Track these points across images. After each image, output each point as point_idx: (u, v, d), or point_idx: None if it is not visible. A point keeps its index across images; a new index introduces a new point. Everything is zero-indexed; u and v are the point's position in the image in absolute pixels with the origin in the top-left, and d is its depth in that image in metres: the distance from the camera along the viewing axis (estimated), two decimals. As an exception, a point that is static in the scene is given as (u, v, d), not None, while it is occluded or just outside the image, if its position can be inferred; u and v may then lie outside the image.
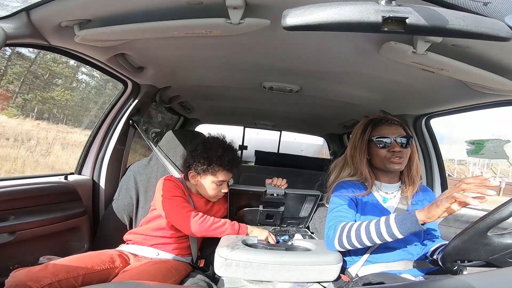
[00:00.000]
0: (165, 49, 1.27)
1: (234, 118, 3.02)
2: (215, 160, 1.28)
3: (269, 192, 1.32)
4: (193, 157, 1.32)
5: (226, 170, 1.30)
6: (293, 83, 1.59)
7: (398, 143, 1.13)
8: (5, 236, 1.16)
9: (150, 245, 1.31)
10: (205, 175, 1.31)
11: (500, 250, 0.76)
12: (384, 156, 1.14)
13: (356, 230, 0.99)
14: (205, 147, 1.32)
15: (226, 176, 1.32)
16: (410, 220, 0.91)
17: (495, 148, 1.78)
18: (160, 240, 1.32)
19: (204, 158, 1.29)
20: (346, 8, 0.52)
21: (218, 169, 1.29)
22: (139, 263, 1.23)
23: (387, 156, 1.14)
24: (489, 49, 0.95)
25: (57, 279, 0.99)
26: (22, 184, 1.31)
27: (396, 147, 1.13)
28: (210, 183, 1.31)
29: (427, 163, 1.76)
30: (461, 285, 0.59)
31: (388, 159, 1.13)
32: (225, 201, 1.41)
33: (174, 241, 1.32)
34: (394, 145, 1.13)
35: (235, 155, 1.34)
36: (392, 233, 0.93)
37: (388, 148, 1.13)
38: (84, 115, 10.32)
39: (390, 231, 0.94)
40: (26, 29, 0.89)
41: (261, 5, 0.85)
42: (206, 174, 1.30)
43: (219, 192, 1.33)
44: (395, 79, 1.34)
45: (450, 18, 0.54)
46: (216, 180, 1.31)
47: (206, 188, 1.33)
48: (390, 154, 1.13)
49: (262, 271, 0.99)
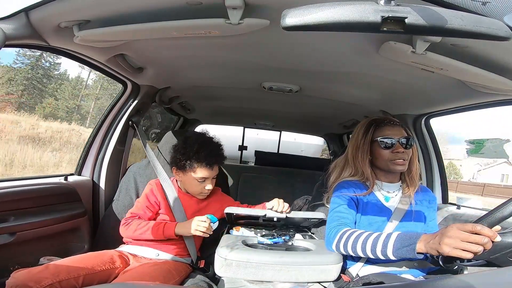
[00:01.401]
0: (165, 50, 1.27)
1: (234, 119, 3.02)
2: (191, 155, 1.26)
3: (268, 217, 1.25)
4: (174, 154, 1.32)
5: (204, 166, 1.26)
6: (293, 83, 1.59)
7: (401, 144, 1.13)
8: (5, 237, 1.16)
9: (150, 245, 1.31)
10: (185, 172, 1.30)
11: (501, 250, 0.76)
12: (387, 157, 1.14)
13: (354, 241, 0.99)
14: (183, 142, 1.30)
15: (206, 173, 1.28)
16: (408, 248, 0.88)
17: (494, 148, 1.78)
18: (159, 241, 1.32)
19: (181, 154, 1.28)
20: (345, 8, 0.52)
21: (196, 165, 1.26)
22: (139, 264, 1.23)
23: (390, 157, 1.13)
24: (488, 49, 0.95)
25: (58, 280, 0.99)
26: (22, 185, 1.31)
27: (399, 148, 1.13)
28: (192, 179, 1.30)
29: (427, 163, 1.76)
30: (462, 284, 0.59)
31: (391, 160, 1.13)
32: (222, 203, 1.39)
33: (174, 242, 1.32)
34: (398, 146, 1.13)
35: (214, 150, 1.29)
36: (386, 254, 0.92)
37: (392, 149, 1.13)
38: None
39: (384, 252, 0.92)
40: (25, 30, 0.89)
41: (260, 5, 0.85)
42: (186, 170, 1.29)
43: (202, 189, 1.31)
44: (395, 79, 1.34)
45: (449, 17, 0.54)
46: (196, 177, 1.28)
47: (189, 185, 1.32)
48: (393, 155, 1.13)
49: (262, 271, 0.99)
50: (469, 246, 0.74)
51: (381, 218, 1.13)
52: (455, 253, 0.76)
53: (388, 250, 0.91)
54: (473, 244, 0.74)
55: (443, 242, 0.78)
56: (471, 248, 0.74)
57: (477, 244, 0.74)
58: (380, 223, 1.12)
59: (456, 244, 0.76)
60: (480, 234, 0.75)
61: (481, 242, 0.74)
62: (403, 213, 1.14)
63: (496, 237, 0.74)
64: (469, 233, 0.76)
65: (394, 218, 1.13)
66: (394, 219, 1.13)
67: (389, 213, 1.14)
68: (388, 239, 0.93)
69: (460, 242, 0.76)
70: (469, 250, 0.75)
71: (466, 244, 0.75)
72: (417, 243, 0.86)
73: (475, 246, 0.74)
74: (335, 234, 1.04)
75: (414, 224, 1.14)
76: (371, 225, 1.12)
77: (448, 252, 0.77)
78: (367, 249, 0.96)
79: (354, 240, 0.99)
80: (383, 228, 1.11)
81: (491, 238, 0.74)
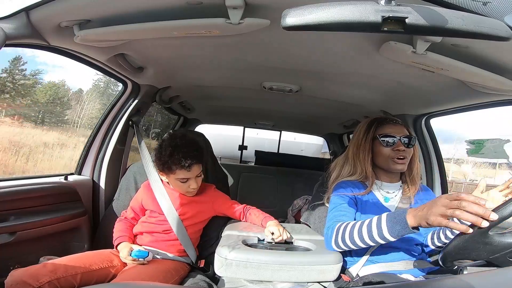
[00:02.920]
0: (165, 49, 1.27)
1: (234, 118, 3.03)
2: (167, 159, 1.26)
3: (267, 241, 1.19)
4: (154, 158, 1.33)
5: (181, 168, 1.25)
6: (293, 83, 1.59)
7: (402, 142, 1.13)
8: (5, 237, 1.16)
9: (148, 245, 1.31)
10: (167, 173, 1.30)
11: (501, 250, 0.76)
12: (388, 155, 1.14)
13: (350, 231, 0.98)
14: (159, 147, 1.31)
15: (186, 174, 1.27)
16: (400, 223, 0.87)
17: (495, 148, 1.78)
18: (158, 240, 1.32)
19: (158, 158, 1.29)
20: (346, 8, 0.52)
21: (174, 167, 1.26)
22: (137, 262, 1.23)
23: (391, 155, 1.14)
24: (488, 49, 0.95)
25: (56, 277, 1.00)
26: (22, 185, 1.31)
27: (400, 146, 1.13)
28: (174, 180, 1.30)
29: (427, 163, 1.76)
30: (462, 284, 0.59)
31: (392, 159, 1.13)
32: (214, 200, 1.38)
33: (173, 242, 1.32)
34: (399, 144, 1.13)
35: (188, 151, 1.25)
36: (384, 236, 0.91)
37: (393, 147, 1.13)
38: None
39: (381, 234, 0.91)
40: (26, 30, 0.89)
41: (260, 5, 0.85)
42: (166, 172, 1.30)
43: (187, 188, 1.30)
44: (395, 79, 1.34)
45: (450, 17, 0.54)
46: (178, 178, 1.28)
47: (174, 186, 1.34)
48: (394, 153, 1.13)
49: (262, 271, 0.99)
50: (456, 213, 0.74)
51: None
52: (441, 222, 0.76)
53: (384, 231, 0.90)
54: (460, 210, 0.73)
55: (430, 211, 0.79)
56: (457, 215, 0.73)
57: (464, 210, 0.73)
58: None
59: (443, 211, 0.76)
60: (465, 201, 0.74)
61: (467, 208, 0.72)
62: None
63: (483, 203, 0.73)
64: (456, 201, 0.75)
65: None
66: None
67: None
68: (380, 221, 0.92)
69: (446, 210, 0.76)
70: (456, 216, 0.74)
71: (453, 210, 0.74)
72: (406, 217, 0.86)
73: (462, 212, 0.73)
74: (332, 231, 1.04)
75: None
76: None
77: (433, 221, 0.77)
78: (364, 236, 0.94)
79: (350, 231, 0.98)
80: None
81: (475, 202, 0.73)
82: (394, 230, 0.88)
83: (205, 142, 1.66)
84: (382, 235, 0.91)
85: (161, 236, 1.32)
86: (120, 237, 1.28)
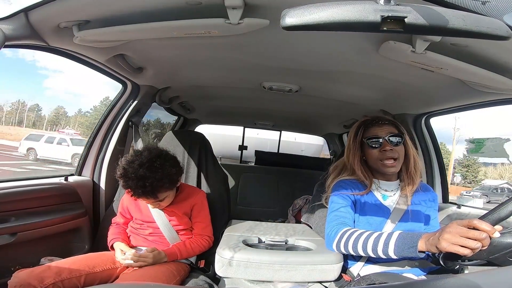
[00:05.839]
0: (165, 50, 1.27)
1: (234, 118, 3.02)
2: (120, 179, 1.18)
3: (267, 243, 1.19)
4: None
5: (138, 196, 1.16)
6: (293, 83, 1.59)
7: (388, 142, 1.13)
8: (6, 237, 1.16)
9: (150, 246, 1.30)
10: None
11: (501, 250, 0.76)
12: (376, 156, 1.14)
13: (355, 240, 0.98)
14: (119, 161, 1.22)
15: (147, 200, 1.20)
16: (410, 247, 0.87)
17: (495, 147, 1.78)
18: (159, 241, 1.32)
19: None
20: (345, 7, 0.52)
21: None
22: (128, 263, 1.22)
23: (379, 157, 1.13)
24: (488, 48, 0.95)
25: (60, 279, 1.01)
26: (23, 186, 1.31)
27: (387, 146, 1.12)
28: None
29: (427, 162, 1.76)
30: (463, 284, 0.59)
31: (381, 160, 1.13)
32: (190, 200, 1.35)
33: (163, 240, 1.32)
34: (385, 144, 1.13)
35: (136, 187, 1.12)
36: (387, 253, 0.92)
37: (380, 148, 1.13)
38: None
39: (385, 251, 0.92)
40: (25, 30, 0.89)
41: (260, 5, 0.85)
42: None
43: (158, 207, 1.27)
44: (395, 79, 1.34)
45: (449, 17, 0.53)
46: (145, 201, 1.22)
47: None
48: (381, 154, 1.13)
49: (263, 271, 0.99)
50: (466, 242, 0.74)
51: (380, 218, 1.13)
52: (453, 249, 0.75)
53: (390, 249, 0.91)
54: (471, 240, 0.74)
55: (442, 237, 0.78)
56: (468, 244, 0.73)
57: (475, 239, 0.73)
58: (379, 223, 1.12)
59: (454, 240, 0.76)
60: (477, 229, 0.74)
61: (479, 237, 0.73)
62: (402, 212, 1.14)
63: (494, 232, 0.74)
64: (467, 228, 0.76)
65: (393, 217, 1.13)
66: (392, 218, 1.13)
67: (388, 212, 1.14)
68: (389, 238, 0.93)
69: (458, 237, 0.75)
70: (466, 245, 0.74)
71: (464, 239, 0.74)
72: (419, 241, 0.85)
73: (473, 242, 0.73)
74: (336, 234, 1.04)
75: (413, 224, 1.13)
76: (370, 225, 1.12)
77: (445, 248, 0.77)
78: (368, 248, 0.96)
79: (355, 239, 0.99)
80: (382, 227, 1.11)
81: (489, 234, 0.74)
82: (401, 251, 0.89)
83: (205, 142, 1.66)
84: (387, 252, 0.92)
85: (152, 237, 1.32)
86: (113, 239, 1.29)
